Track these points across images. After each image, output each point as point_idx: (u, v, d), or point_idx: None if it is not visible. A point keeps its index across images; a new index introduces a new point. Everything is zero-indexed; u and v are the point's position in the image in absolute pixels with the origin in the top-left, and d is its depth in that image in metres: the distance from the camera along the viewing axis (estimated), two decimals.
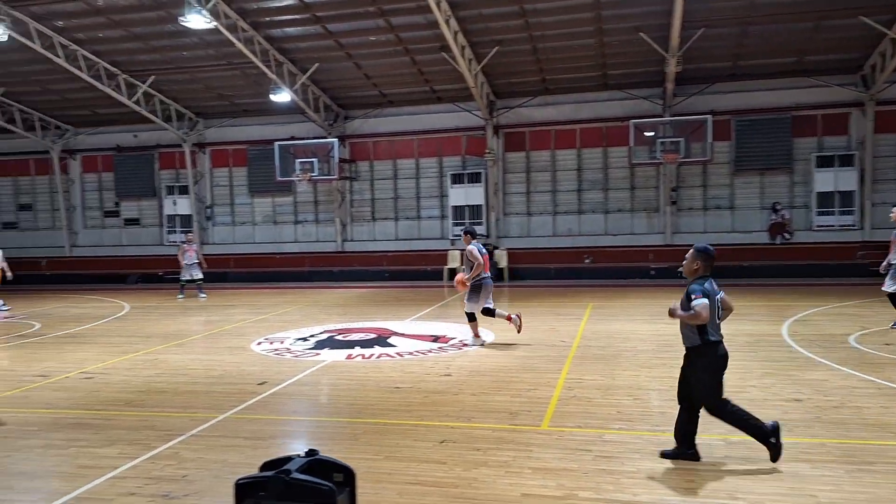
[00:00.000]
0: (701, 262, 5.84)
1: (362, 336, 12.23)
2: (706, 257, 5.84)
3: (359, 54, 19.69)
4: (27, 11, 17.72)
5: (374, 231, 23.78)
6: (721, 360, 5.72)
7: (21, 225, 27.13)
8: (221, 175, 25.07)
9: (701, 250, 5.86)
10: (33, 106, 24.21)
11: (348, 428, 7.07)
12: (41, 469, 6.16)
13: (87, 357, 11.16)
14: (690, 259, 5.89)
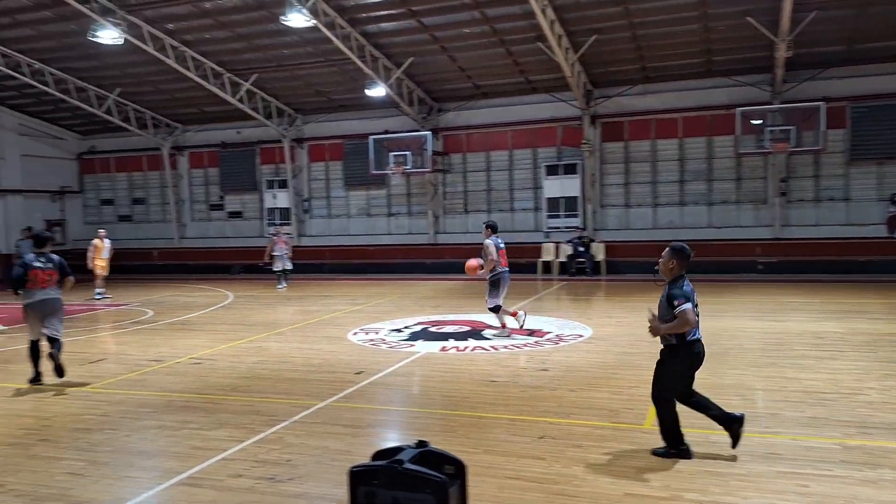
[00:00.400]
0: (677, 261, 5.87)
1: (456, 328, 12.24)
2: (682, 256, 5.88)
3: (453, 47, 19.70)
4: (141, 15, 18.64)
5: (467, 223, 23.79)
6: (696, 358, 5.82)
7: (135, 218, 28.68)
8: (318, 169, 25.69)
9: (677, 249, 5.92)
10: (146, 105, 25.50)
11: (445, 420, 7.08)
12: (157, 449, 6.46)
13: (196, 343, 11.66)
14: (666, 258, 5.91)
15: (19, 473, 5.83)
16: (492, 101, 22.84)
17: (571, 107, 21.61)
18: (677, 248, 5.95)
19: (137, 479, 5.72)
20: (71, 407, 7.88)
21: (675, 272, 5.88)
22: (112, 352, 11.27)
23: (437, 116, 23.52)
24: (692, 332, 5.74)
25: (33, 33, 20.12)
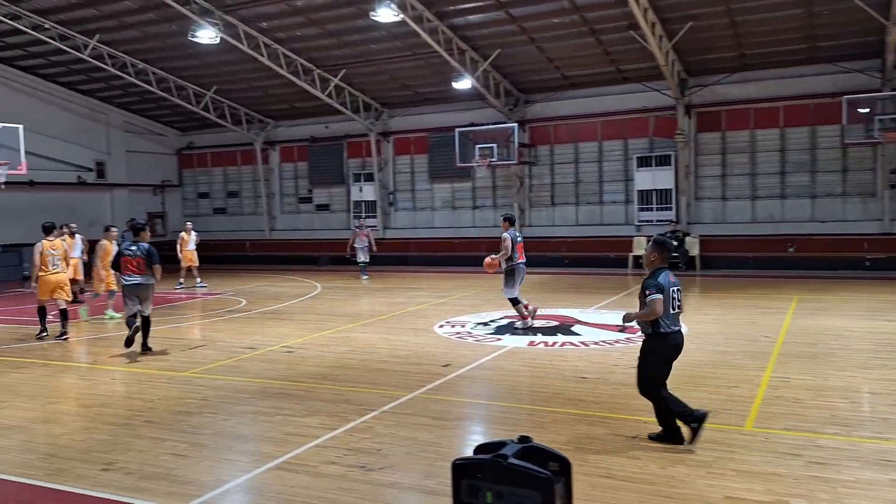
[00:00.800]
0: (658, 253, 6.07)
1: (544, 323, 12.06)
2: (663, 249, 6.08)
3: (541, 37, 19.44)
4: (237, 15, 19.24)
5: (554, 216, 23.49)
6: (673, 350, 6.05)
7: (229, 210, 29.75)
8: (404, 162, 25.92)
9: (659, 242, 6.13)
10: (240, 102, 26.36)
11: (534, 415, 6.99)
12: (254, 433, 6.65)
13: (287, 332, 11.96)
14: (649, 251, 6.13)
15: (128, 452, 6.11)
16: (580, 92, 22.43)
17: (665, 96, 20.96)
18: (659, 241, 6.16)
19: (236, 462, 5.89)
20: (173, 391, 8.20)
21: (656, 264, 6.08)
22: (209, 339, 11.68)
23: (523, 108, 23.30)
24: (668, 323, 5.93)
25: (138, 35, 21.08)
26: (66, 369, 9.64)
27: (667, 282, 5.93)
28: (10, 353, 10.80)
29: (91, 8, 19.35)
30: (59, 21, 20.21)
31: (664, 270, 6.02)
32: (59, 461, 5.92)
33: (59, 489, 5.37)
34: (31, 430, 6.79)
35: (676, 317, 6.01)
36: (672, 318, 5.97)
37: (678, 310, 6.01)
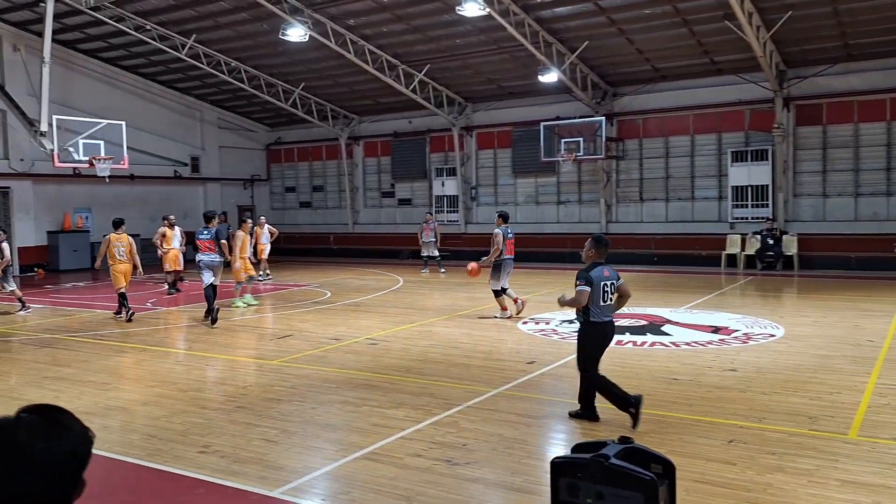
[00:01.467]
0: (594, 249, 6.57)
1: (632, 322, 11.77)
2: (598, 245, 6.59)
3: (631, 29, 18.98)
4: (326, 13, 19.61)
5: (642, 212, 22.93)
6: (602, 338, 6.58)
7: (314, 204, 30.41)
8: (486, 157, 25.84)
9: (596, 238, 6.68)
10: (326, 98, 26.88)
11: (623, 417, 6.80)
12: (341, 422, 6.74)
13: (371, 325, 12.11)
14: (586, 247, 6.64)
15: (223, 436, 6.30)
16: (671, 84, 21.79)
17: (761, 88, 20.10)
18: (596, 237, 6.75)
19: (324, 451, 5.99)
20: (263, 378, 8.42)
21: (592, 258, 6.57)
22: (296, 329, 11.95)
23: (611, 101, 22.82)
24: (598, 313, 6.45)
25: (232, 34, 21.80)
26: (165, 355, 10.06)
27: (598, 276, 6.41)
28: (112, 338, 11.35)
29: (189, 9, 20.12)
30: (159, 22, 21.10)
31: (599, 265, 6.50)
32: (159, 442, 6.16)
33: (160, 469, 5.59)
34: (132, 412, 7.11)
35: (607, 308, 6.53)
36: (602, 309, 6.48)
37: (609, 302, 6.52)
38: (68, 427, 1.69)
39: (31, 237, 23.01)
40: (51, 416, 1.70)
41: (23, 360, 9.93)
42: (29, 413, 1.68)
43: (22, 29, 22.23)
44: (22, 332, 12.20)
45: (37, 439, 1.63)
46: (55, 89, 20.10)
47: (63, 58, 22.93)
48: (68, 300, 16.44)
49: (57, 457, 1.63)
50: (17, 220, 22.69)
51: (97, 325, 12.69)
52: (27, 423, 1.65)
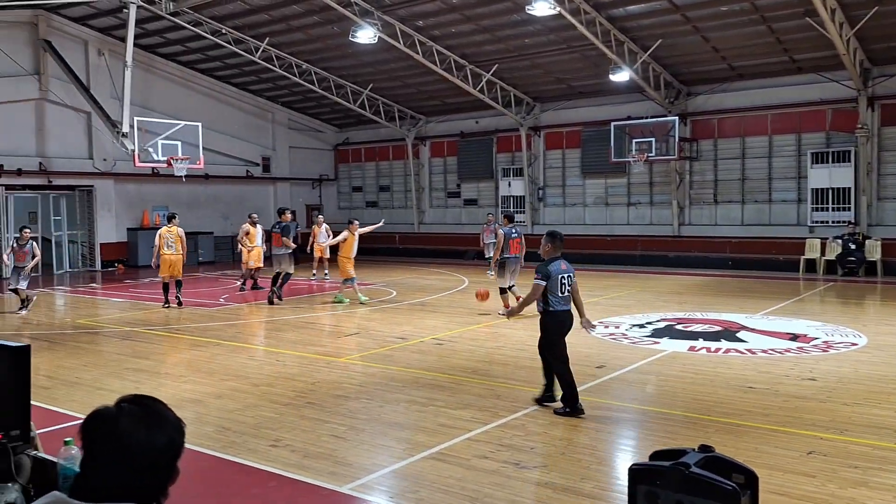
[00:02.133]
0: (550, 244, 7.07)
1: (706, 327, 11.44)
2: (552, 240, 7.11)
3: (707, 27, 18.48)
4: (395, 15, 19.78)
5: (716, 215, 22.30)
6: (560, 325, 7.03)
7: (380, 204, 30.71)
8: (554, 157, 25.59)
9: (550, 234, 7.19)
10: (394, 98, 27.12)
11: (695, 424, 6.63)
12: (408, 421, 6.76)
13: (437, 325, 12.14)
14: (543, 242, 7.16)
15: (293, 431, 6.41)
16: (748, 83, 21.12)
17: (844, 87, 19.28)
18: (551, 232, 7.23)
19: (391, 449, 6.02)
20: (332, 375, 8.53)
21: (550, 253, 7.05)
22: (363, 327, 12.08)
23: (685, 100, 22.28)
24: (555, 302, 6.94)
25: (303, 37, 22.23)
26: (238, 349, 10.31)
27: (556, 269, 6.93)
28: (188, 331, 11.71)
29: (263, 13, 20.61)
30: (234, 26, 21.68)
31: (556, 259, 6.99)
32: (232, 434, 6.31)
33: (233, 460, 5.72)
34: (206, 404, 7.30)
35: (566, 298, 7.01)
36: (561, 299, 6.97)
37: (567, 293, 7.00)
38: (165, 417, 1.75)
39: (112, 234, 23.98)
40: (149, 406, 1.76)
41: (106, 352, 10.34)
42: (128, 403, 1.74)
43: (106, 34, 23.20)
44: (104, 324, 12.71)
45: (137, 428, 1.68)
46: (136, 92, 20.89)
47: (144, 61, 23.81)
48: (146, 295, 17.05)
49: (156, 445, 1.69)
50: (100, 217, 23.66)
51: (173, 319, 13.12)
52: (128, 412, 1.71)
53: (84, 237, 23.76)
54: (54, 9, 21.56)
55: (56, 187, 22.82)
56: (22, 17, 21.51)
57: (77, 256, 23.74)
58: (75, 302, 16.57)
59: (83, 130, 23.33)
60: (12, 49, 21.27)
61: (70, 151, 23.00)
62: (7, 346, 2.79)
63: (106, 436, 1.69)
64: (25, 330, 12.29)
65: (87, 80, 22.52)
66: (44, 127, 22.45)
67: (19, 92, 21.66)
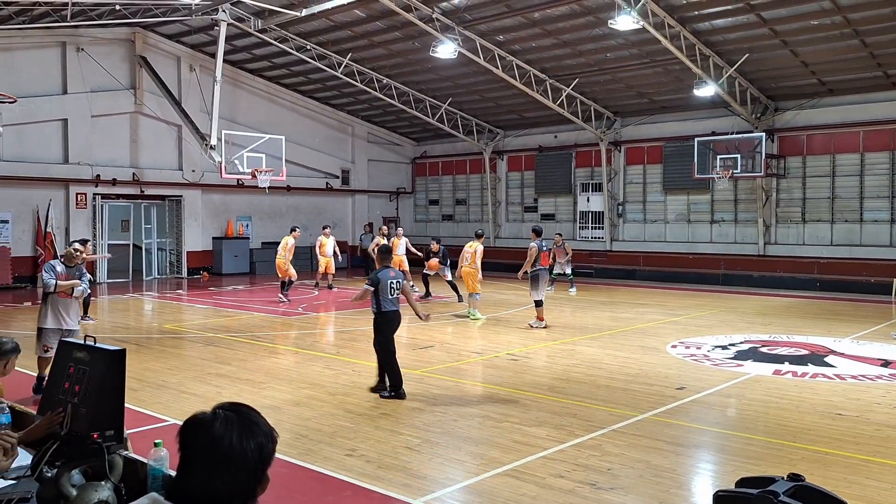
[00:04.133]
0: (381, 257, 8.52)
1: (792, 351, 10.99)
2: (383, 254, 8.57)
3: (797, 41, 17.85)
4: (476, 30, 19.89)
5: (804, 234, 21.41)
6: (390, 324, 8.19)
7: (456, 217, 30.83)
8: (635, 172, 25.13)
9: (380, 250, 8.66)
10: (471, 113, 27.23)
11: (780, 451, 6.36)
12: (482, 437, 6.72)
13: (511, 340, 12.06)
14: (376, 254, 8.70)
15: (368, 441, 6.47)
16: (839, 99, 20.27)
17: None
18: (381, 248, 8.74)
19: (465, 463, 5.99)
20: (406, 387, 8.54)
21: (382, 263, 8.45)
22: (438, 340, 12.12)
23: (772, 116, 21.54)
24: (383, 304, 8.09)
25: (384, 52, 22.61)
26: (314, 358, 10.50)
27: (385, 276, 8.14)
28: (267, 339, 12.01)
29: (346, 29, 21.08)
30: (318, 42, 22.26)
31: (385, 268, 8.30)
32: (309, 442, 6.42)
33: (310, 468, 5.81)
34: (284, 411, 7.45)
35: (395, 301, 8.17)
36: (390, 301, 8.12)
37: (396, 296, 8.17)
38: (257, 424, 1.81)
39: (198, 242, 24.85)
40: (243, 413, 1.82)
41: (190, 356, 10.71)
42: (224, 410, 1.80)
43: (197, 51, 24.19)
44: (189, 330, 13.18)
45: (231, 434, 1.74)
46: (224, 106, 21.72)
47: (232, 77, 24.70)
48: (229, 302, 17.60)
49: (247, 451, 1.74)
50: (187, 226, 24.55)
51: (254, 326, 13.48)
52: (223, 418, 1.77)
53: (172, 245, 24.71)
54: (151, 26, 22.64)
55: (147, 196, 23.81)
56: (120, 35, 22.65)
57: (165, 263, 24.70)
58: (162, 307, 17.25)
59: (174, 143, 24.34)
60: (111, 65, 22.45)
61: (161, 162, 24.01)
62: (104, 350, 2.90)
63: (200, 440, 1.75)
64: (117, 333, 12.86)
65: (179, 94, 23.50)
66: (138, 139, 23.51)
67: (117, 105, 22.79)
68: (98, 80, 22.12)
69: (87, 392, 2.83)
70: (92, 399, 2.80)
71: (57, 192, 21.48)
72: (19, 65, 20.57)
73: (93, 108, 22.05)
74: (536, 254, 13.35)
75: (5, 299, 17.67)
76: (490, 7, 18.60)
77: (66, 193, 21.74)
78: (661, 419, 7.31)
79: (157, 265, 24.35)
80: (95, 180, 22.17)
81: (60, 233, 21.10)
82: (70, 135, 21.80)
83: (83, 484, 2.76)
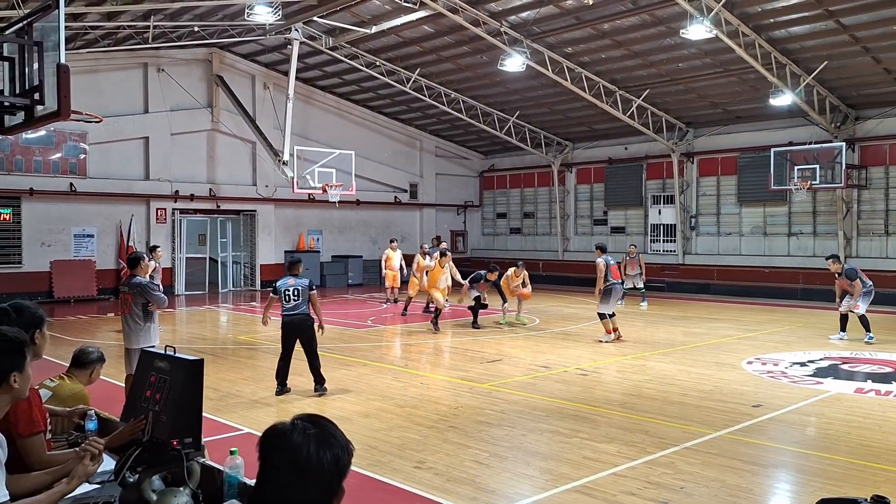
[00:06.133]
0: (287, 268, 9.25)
1: (875, 368, 10.51)
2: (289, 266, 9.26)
3: (879, 47, 17.12)
4: (544, 42, 19.83)
5: (887, 247, 20.45)
6: (287, 328, 8.94)
7: (524, 230, 30.68)
8: (708, 184, 24.52)
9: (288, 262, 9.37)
10: (540, 125, 27.11)
11: (863, 472, 6.09)
12: (551, 452, 6.66)
13: (581, 355, 11.91)
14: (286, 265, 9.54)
15: (436, 454, 6.49)
16: None
17: None
18: (289, 260, 9.37)
19: (534, 479, 5.94)
20: (474, 400, 8.57)
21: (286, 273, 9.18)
22: (506, 354, 12.06)
23: (853, 125, 20.71)
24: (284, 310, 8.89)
25: (453, 67, 22.79)
26: (383, 370, 10.60)
27: (283, 284, 8.90)
28: (339, 351, 12.19)
29: (415, 45, 21.36)
30: (387, 58, 22.63)
31: (286, 277, 9.03)
32: (378, 454, 6.47)
33: (379, 479, 5.86)
34: (354, 422, 7.54)
35: (291, 307, 8.86)
36: (287, 308, 8.87)
37: (293, 303, 8.84)
38: (334, 436, 1.85)
39: (270, 255, 25.45)
40: (320, 424, 1.86)
41: (262, 367, 10.97)
42: (302, 421, 1.85)
43: (271, 69, 24.94)
44: (262, 341, 13.51)
45: (308, 444, 1.78)
46: (296, 122, 22.29)
47: (303, 94, 25.33)
48: None
49: (324, 462, 1.78)
50: (260, 240, 25.22)
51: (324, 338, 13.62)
52: (301, 429, 1.82)
53: (246, 258, 25.41)
54: (227, 46, 23.48)
55: (223, 211, 24.57)
56: (198, 55, 23.57)
57: (240, 276, 25.44)
58: (237, 319, 17.75)
59: (248, 158, 25.10)
60: (189, 84, 23.35)
61: (236, 178, 24.80)
62: (183, 359, 3.01)
63: (279, 450, 1.79)
64: (194, 343, 13.30)
65: (253, 111, 24.21)
66: (214, 155, 24.33)
67: (195, 123, 23.67)
68: (177, 99, 23.02)
69: (167, 400, 2.93)
70: (172, 407, 2.90)
71: (139, 207, 22.44)
72: (104, 86, 21.54)
73: (172, 126, 22.93)
74: (605, 268, 13.49)
75: (90, 310, 18.51)
76: (559, 19, 18.53)
77: (147, 209, 22.67)
78: (736, 437, 7.09)
79: (232, 278, 25.07)
80: (174, 196, 23.03)
81: (141, 246, 21.98)
82: (151, 152, 22.74)
83: (163, 489, 2.86)
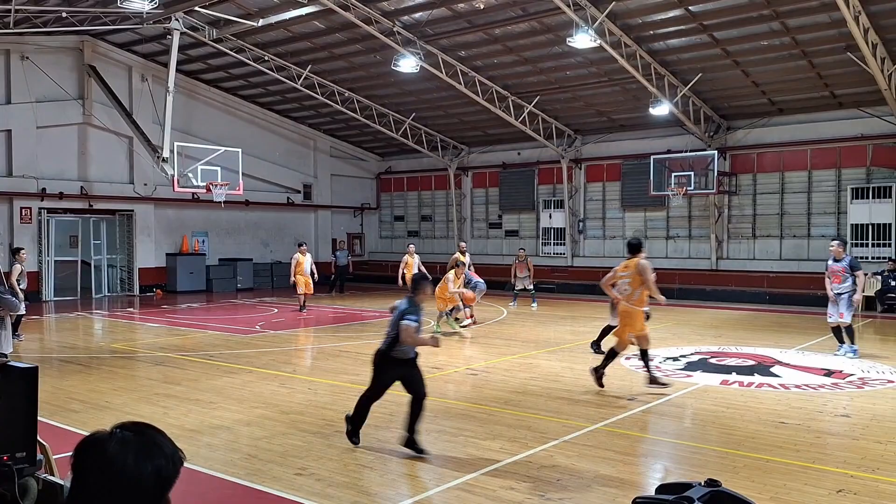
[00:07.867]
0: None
1: (739, 361, 11.29)
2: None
3: (748, 61, 18.40)
4: (437, 45, 20.05)
5: (754, 249, 21.97)
6: None
7: (422, 233, 30.86)
8: (595, 189, 25.52)
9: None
10: (436, 128, 27.37)
11: (724, 459, 6.53)
12: (436, 452, 6.74)
13: (472, 355, 12.15)
14: None
15: (320, 460, 6.45)
16: (788, 118, 20.92)
17: (886, 123, 18.97)
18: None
19: (417, 479, 6.05)
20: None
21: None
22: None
23: (724, 135, 22.12)
24: None
25: (346, 65, 22.64)
26: (270, 377, 10.41)
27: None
28: (222, 358, 11.85)
29: (306, 41, 21.03)
30: (276, 53, 22.10)
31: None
32: (258, 462, 6.36)
33: (256, 488, 5.76)
34: (236, 431, 7.39)
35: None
36: None
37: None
38: (158, 446, 1.70)
39: (150, 259, 24.20)
40: (145, 434, 1.72)
41: (138, 377, 10.55)
42: (123, 430, 1.71)
43: (149, 60, 23.61)
44: (139, 349, 12.98)
45: (126, 455, 1.65)
46: (178, 117, 21.36)
47: (186, 87, 24.26)
48: (183, 320, 17.35)
49: (142, 474, 1.65)
50: (139, 241, 23.84)
51: (208, 345, 13.32)
52: (120, 439, 1.68)
53: (123, 261, 24.04)
54: (100, 35, 22.03)
55: (97, 211, 23.12)
56: (68, 43, 22.06)
57: (116, 281, 24.02)
58: (112, 326, 16.92)
59: (124, 155, 23.69)
60: (58, 74, 21.80)
61: (111, 176, 23.36)
62: (15, 367, 2.75)
63: (93, 460, 1.66)
64: (62, 353, 12.58)
65: (130, 105, 22.91)
66: (86, 151, 22.83)
67: (64, 116, 22.12)
68: (44, 90, 21.53)
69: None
70: (1, 419, 2.66)
71: (0, 206, 20.93)
72: None
73: (38, 118, 21.42)
74: None
75: None
76: (451, 22, 18.80)
77: (10, 208, 21.12)
78: (611, 430, 7.44)
79: (107, 282, 23.67)
80: (41, 194, 21.55)
81: (4, 249, 20.36)
82: (14, 146, 21.16)
83: None
